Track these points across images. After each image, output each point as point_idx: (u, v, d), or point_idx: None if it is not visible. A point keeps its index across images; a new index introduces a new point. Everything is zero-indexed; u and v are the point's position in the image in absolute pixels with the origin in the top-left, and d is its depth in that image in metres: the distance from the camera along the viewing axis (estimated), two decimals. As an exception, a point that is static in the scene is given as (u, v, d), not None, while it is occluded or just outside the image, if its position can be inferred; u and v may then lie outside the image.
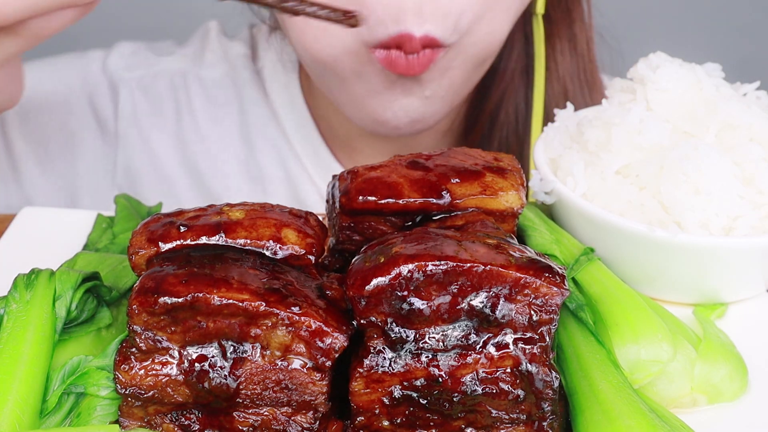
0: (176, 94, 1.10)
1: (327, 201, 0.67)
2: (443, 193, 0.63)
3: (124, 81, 1.09)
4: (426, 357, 0.56)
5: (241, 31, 1.15)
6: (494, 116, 1.06)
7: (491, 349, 0.56)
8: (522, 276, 0.55)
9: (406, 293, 0.55)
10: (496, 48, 0.92)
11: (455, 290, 0.55)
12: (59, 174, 1.08)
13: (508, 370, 0.56)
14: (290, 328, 0.55)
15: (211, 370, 0.56)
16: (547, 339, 0.56)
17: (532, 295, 0.55)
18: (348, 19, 0.67)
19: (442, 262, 0.55)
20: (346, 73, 0.88)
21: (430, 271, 0.55)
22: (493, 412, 0.56)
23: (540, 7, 0.95)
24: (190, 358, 0.56)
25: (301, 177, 1.09)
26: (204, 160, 1.10)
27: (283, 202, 1.08)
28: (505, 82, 1.05)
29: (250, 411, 0.57)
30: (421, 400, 0.56)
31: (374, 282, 0.55)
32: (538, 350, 0.56)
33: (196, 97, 1.10)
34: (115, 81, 1.09)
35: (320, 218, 0.65)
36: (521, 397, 0.56)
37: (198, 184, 1.10)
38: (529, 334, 0.56)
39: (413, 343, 0.56)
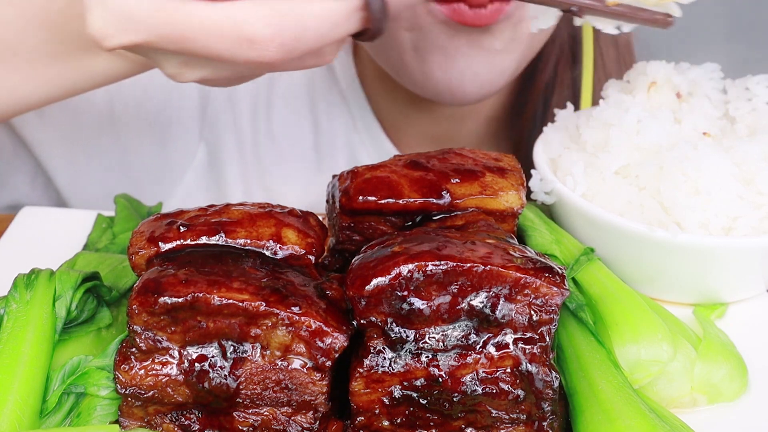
0: (256, 93, 1.07)
1: (327, 201, 0.67)
2: (443, 193, 0.63)
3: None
4: (426, 357, 0.56)
5: None
6: (545, 108, 1.01)
7: (491, 349, 0.56)
8: (522, 276, 0.55)
9: (406, 293, 0.55)
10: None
11: (455, 290, 0.55)
12: (149, 160, 1.06)
13: (508, 370, 0.56)
14: (290, 328, 0.55)
15: (211, 370, 0.56)
16: (547, 339, 0.56)
17: (532, 295, 0.55)
18: (664, 20, 0.65)
19: (442, 262, 0.55)
20: (401, 31, 0.82)
21: (430, 271, 0.55)
22: (493, 412, 0.56)
23: None
24: (190, 358, 0.56)
25: (361, 150, 1.06)
26: (273, 128, 1.07)
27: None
28: (548, 72, 1.01)
29: (250, 411, 0.57)
30: (421, 400, 0.56)
31: (374, 282, 0.55)
32: (538, 350, 0.56)
33: (273, 94, 1.07)
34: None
35: (320, 218, 0.65)
36: (521, 397, 0.56)
37: (263, 147, 1.08)
38: (529, 334, 0.56)
39: (413, 343, 0.56)
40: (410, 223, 0.63)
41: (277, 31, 0.54)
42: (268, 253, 0.61)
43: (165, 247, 0.60)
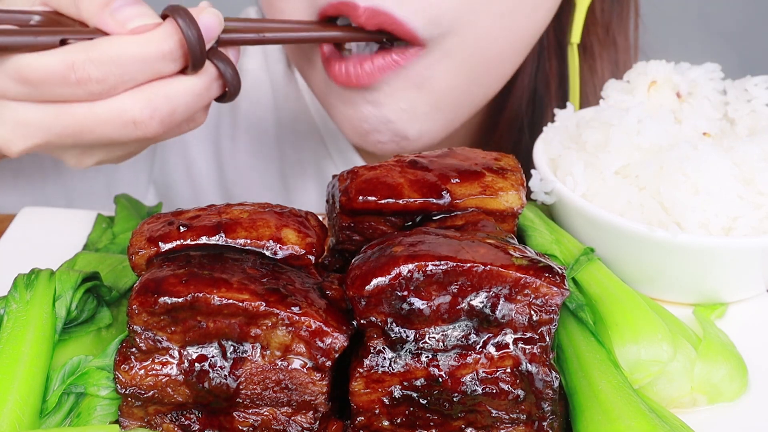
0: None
1: (327, 201, 0.67)
2: (443, 193, 0.63)
3: None
4: (426, 357, 0.56)
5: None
6: (533, 136, 1.00)
7: (491, 349, 0.56)
8: (522, 276, 0.55)
9: (406, 293, 0.55)
10: (497, 64, 0.83)
11: (455, 290, 0.55)
12: (99, 170, 1.07)
13: (508, 370, 0.56)
14: (290, 328, 0.55)
15: (211, 370, 0.56)
16: (547, 339, 0.56)
17: (532, 295, 0.55)
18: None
19: (442, 262, 0.55)
20: (304, 55, 0.83)
21: (430, 271, 0.55)
22: (493, 412, 0.56)
23: (575, 36, 0.89)
24: (190, 358, 0.56)
25: (332, 171, 1.06)
26: (235, 157, 1.08)
27: (313, 197, 1.07)
28: (518, 106, 0.99)
29: (250, 411, 0.57)
30: (421, 400, 0.56)
31: (374, 282, 0.55)
32: (538, 350, 0.56)
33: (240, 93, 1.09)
34: None
35: (320, 218, 0.65)
36: (521, 397, 0.56)
37: (225, 179, 1.09)
38: (529, 334, 0.56)
39: (413, 343, 0.56)
40: (410, 223, 0.63)
41: (154, 110, 0.64)
42: (268, 253, 0.61)
43: (165, 247, 0.60)
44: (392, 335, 0.56)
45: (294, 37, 0.78)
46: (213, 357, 0.56)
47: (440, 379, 0.56)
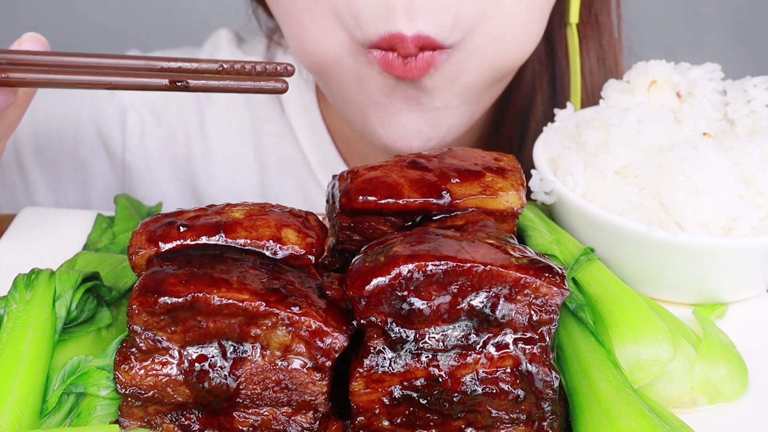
0: (187, 118, 1.07)
1: (327, 201, 0.67)
2: (443, 193, 0.63)
3: (134, 107, 1.06)
4: (426, 357, 0.56)
5: (255, 39, 1.11)
6: (523, 131, 1.00)
7: (491, 349, 0.56)
8: (522, 276, 0.55)
9: (406, 293, 0.55)
10: (517, 53, 0.84)
11: (455, 290, 0.55)
12: (71, 201, 1.07)
13: (508, 370, 0.56)
14: (290, 328, 0.55)
15: (211, 370, 0.56)
16: (547, 339, 0.56)
17: (532, 295, 0.55)
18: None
19: (442, 262, 0.55)
20: (346, 76, 0.83)
21: (430, 271, 0.55)
22: (493, 412, 0.56)
23: (573, 17, 0.90)
24: (190, 358, 0.56)
25: (319, 197, 1.05)
26: (216, 184, 1.07)
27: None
28: (525, 95, 0.99)
29: (250, 411, 0.57)
30: (421, 400, 0.56)
31: (374, 282, 0.55)
32: (538, 350, 0.56)
33: (208, 118, 1.07)
34: (125, 108, 1.06)
35: (320, 218, 0.65)
36: (521, 397, 0.56)
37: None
38: (529, 334, 0.56)
39: (413, 343, 0.56)
40: (410, 223, 0.63)
41: None
42: (268, 253, 0.61)
43: (165, 247, 0.60)
44: (392, 335, 0.56)
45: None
46: (213, 357, 0.56)
47: (440, 379, 0.56)
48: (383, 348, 0.56)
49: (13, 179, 1.06)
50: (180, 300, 0.55)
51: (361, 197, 0.62)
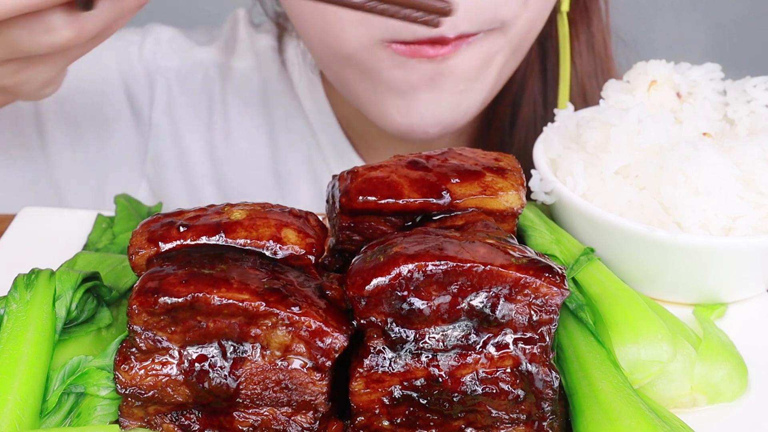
0: (210, 87, 1.10)
1: (327, 201, 0.67)
2: (443, 193, 0.63)
3: (161, 70, 1.09)
4: (426, 357, 0.56)
5: (267, 21, 1.14)
6: (514, 118, 1.03)
7: (491, 349, 0.56)
8: (522, 276, 0.55)
9: (406, 293, 0.55)
10: (535, 34, 0.89)
11: (455, 290, 0.55)
12: (89, 159, 1.07)
13: (508, 370, 0.56)
14: (290, 328, 0.55)
15: (211, 370, 0.56)
16: (547, 339, 0.56)
17: (532, 295, 0.55)
18: (436, 15, 0.62)
19: (442, 262, 0.55)
20: (366, 66, 0.84)
21: (430, 271, 0.55)
22: (493, 412, 0.56)
23: (565, 5, 0.93)
24: (190, 358, 0.56)
25: (326, 173, 1.08)
26: (230, 155, 1.09)
27: (306, 198, 1.08)
28: (518, 83, 1.02)
29: (250, 411, 0.57)
30: (421, 400, 0.56)
31: (374, 282, 0.55)
32: (538, 350, 0.56)
33: (228, 90, 1.09)
34: (152, 70, 1.08)
35: (320, 218, 0.65)
36: (521, 397, 0.56)
37: (221, 178, 1.09)
38: (529, 334, 0.56)
39: (413, 343, 0.56)
40: (410, 223, 0.63)
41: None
42: (268, 253, 0.61)
43: (165, 247, 0.60)
44: (392, 335, 0.56)
45: None
46: (213, 357, 0.56)
47: (440, 379, 0.56)
48: (383, 348, 0.56)
49: (28, 132, 1.05)
50: (180, 300, 0.55)
51: (361, 197, 0.62)
